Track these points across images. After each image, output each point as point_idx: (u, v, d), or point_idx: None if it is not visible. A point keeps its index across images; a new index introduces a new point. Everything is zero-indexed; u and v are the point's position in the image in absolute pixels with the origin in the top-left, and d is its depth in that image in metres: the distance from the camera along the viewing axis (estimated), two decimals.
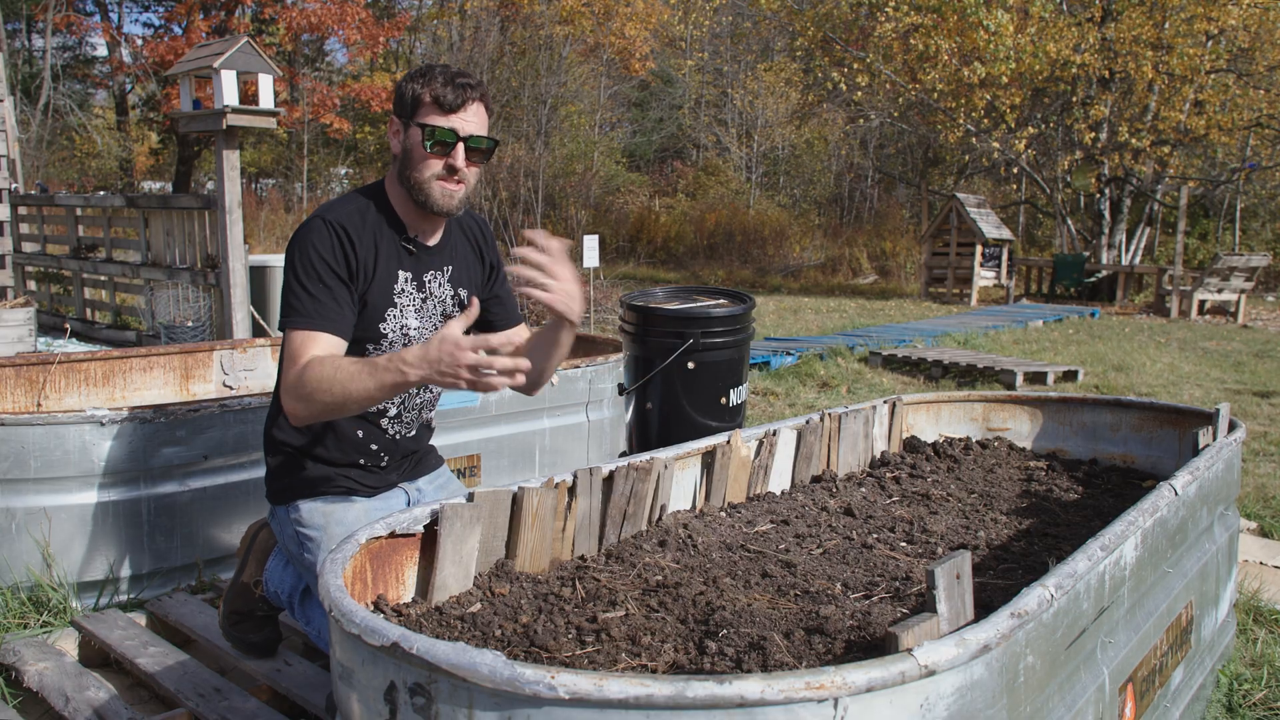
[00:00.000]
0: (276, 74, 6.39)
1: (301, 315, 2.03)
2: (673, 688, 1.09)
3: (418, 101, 2.12)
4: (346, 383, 1.90)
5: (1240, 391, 7.42)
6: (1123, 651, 1.74)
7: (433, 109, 2.11)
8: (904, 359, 8.08)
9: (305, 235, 2.09)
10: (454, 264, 2.31)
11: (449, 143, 2.11)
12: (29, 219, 9.33)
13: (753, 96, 27.48)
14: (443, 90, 2.10)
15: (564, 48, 21.53)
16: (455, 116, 2.11)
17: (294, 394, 1.96)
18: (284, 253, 2.18)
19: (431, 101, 2.11)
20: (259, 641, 2.45)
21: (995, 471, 2.72)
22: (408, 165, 2.14)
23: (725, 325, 3.10)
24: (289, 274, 2.08)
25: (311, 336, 2.02)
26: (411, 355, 1.85)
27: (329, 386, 1.92)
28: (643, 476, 2.03)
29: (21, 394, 3.56)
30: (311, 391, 1.93)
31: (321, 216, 2.11)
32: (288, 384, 1.98)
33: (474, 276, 2.37)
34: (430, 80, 2.12)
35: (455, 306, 2.31)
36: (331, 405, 1.94)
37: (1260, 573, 3.39)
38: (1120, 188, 17.11)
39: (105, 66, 23.02)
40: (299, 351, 2.00)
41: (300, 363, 1.98)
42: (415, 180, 2.13)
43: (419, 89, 2.12)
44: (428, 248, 2.24)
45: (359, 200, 2.18)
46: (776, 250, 22.62)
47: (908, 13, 15.62)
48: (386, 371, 1.88)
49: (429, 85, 2.11)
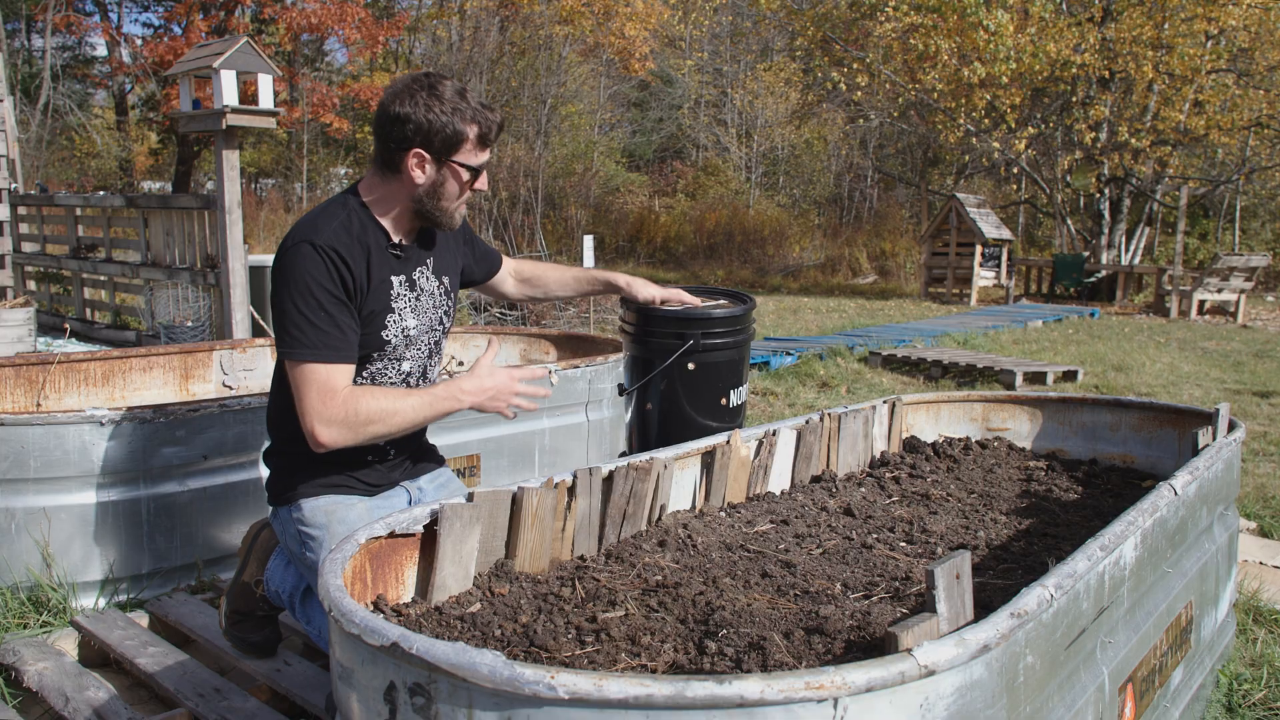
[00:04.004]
0: (276, 74, 6.38)
1: (313, 347, 2.01)
2: (672, 688, 1.09)
3: (459, 139, 2.08)
4: (409, 413, 2.05)
5: (1240, 391, 7.42)
6: (1122, 651, 1.74)
7: (475, 148, 2.12)
8: (903, 359, 8.08)
9: (298, 264, 2.03)
10: (434, 254, 2.31)
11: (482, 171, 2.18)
12: (29, 219, 9.32)
13: (752, 96, 27.47)
14: (487, 130, 2.11)
15: (564, 48, 21.52)
16: (489, 150, 2.17)
17: (342, 423, 2.00)
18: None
19: (476, 140, 2.11)
20: (259, 641, 2.45)
21: (995, 472, 2.72)
22: (438, 198, 2.14)
23: (726, 326, 3.10)
24: (286, 302, 2.03)
25: (336, 370, 2.03)
26: (469, 385, 2.10)
27: (391, 418, 2.03)
28: (642, 476, 2.03)
29: (21, 394, 3.56)
30: (368, 421, 2.01)
31: (310, 241, 2.04)
32: (331, 415, 1.99)
33: (453, 258, 2.40)
34: (466, 116, 2.08)
35: (443, 296, 2.33)
36: (384, 434, 2.06)
37: (1260, 573, 3.39)
38: (1120, 188, 17.11)
39: (105, 66, 23.01)
40: (330, 384, 2.01)
41: (339, 395, 2.01)
42: (445, 209, 2.16)
43: (459, 126, 2.07)
44: (409, 246, 2.25)
45: (339, 215, 2.12)
46: (776, 250, 22.62)
47: (907, 13, 15.61)
48: (445, 400, 2.09)
49: (468, 122, 2.08)
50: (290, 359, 2.03)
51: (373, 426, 2.02)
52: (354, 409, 2.00)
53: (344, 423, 2.00)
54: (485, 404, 2.12)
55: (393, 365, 2.24)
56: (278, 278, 2.07)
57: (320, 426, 2.00)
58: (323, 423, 2.00)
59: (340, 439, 2.01)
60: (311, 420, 2.00)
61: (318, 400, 2.00)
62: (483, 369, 2.11)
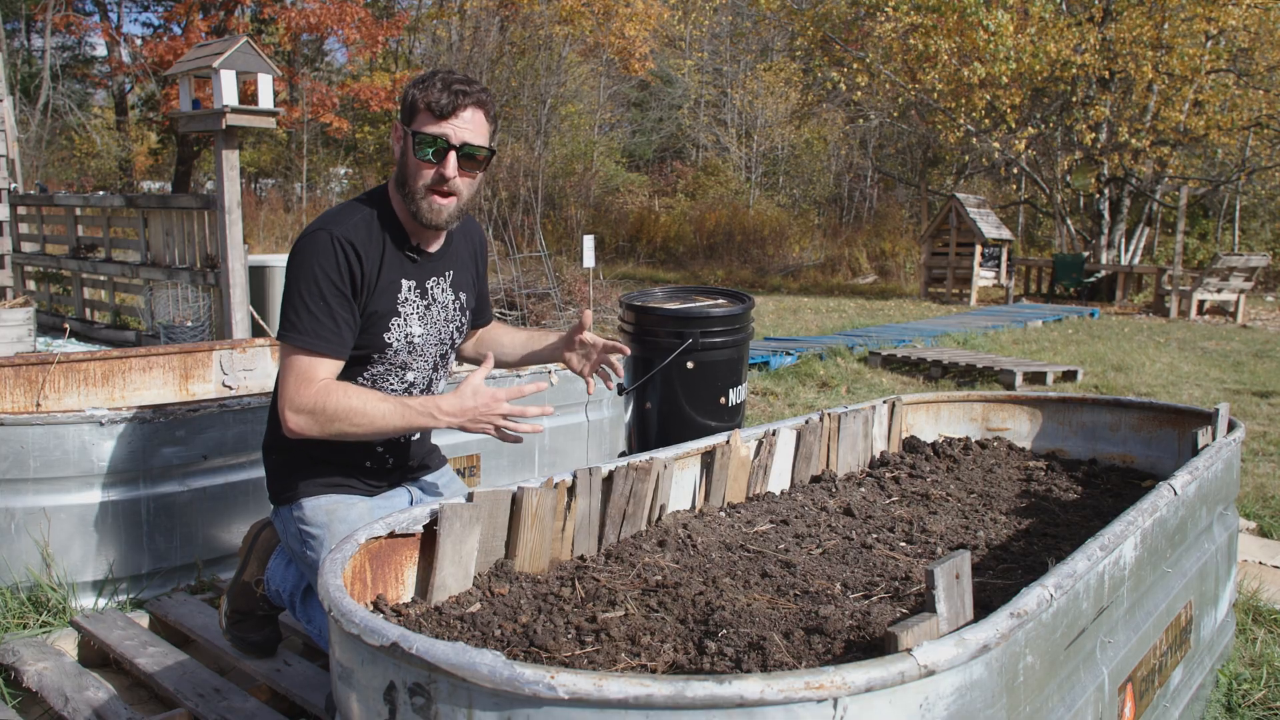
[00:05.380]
0: (276, 74, 6.39)
1: (304, 334, 2.02)
2: (672, 688, 1.09)
3: (414, 107, 2.06)
4: (377, 419, 1.99)
5: (1239, 391, 7.42)
6: (1122, 651, 1.74)
7: (427, 116, 2.05)
8: (903, 359, 8.08)
9: (311, 249, 2.05)
10: (454, 268, 2.30)
11: (441, 150, 2.05)
12: (28, 219, 9.32)
13: (752, 96, 27.48)
14: (437, 95, 2.03)
15: (564, 48, 21.52)
16: (448, 123, 2.05)
17: (310, 413, 1.99)
18: (286, 254, 2.18)
19: (425, 108, 2.05)
20: (259, 641, 2.45)
21: (995, 471, 2.72)
22: (402, 174, 2.11)
23: (725, 325, 3.10)
24: (292, 285, 2.05)
25: (319, 361, 2.03)
26: (447, 404, 2.00)
27: (357, 418, 1.98)
28: (642, 476, 2.03)
29: (21, 394, 3.56)
30: (334, 417, 1.98)
31: (328, 230, 2.06)
32: (301, 402, 1.99)
33: (471, 280, 2.38)
34: (428, 86, 2.05)
35: (457, 310, 2.31)
36: (350, 433, 2.01)
37: (1259, 572, 3.39)
38: (1120, 188, 17.11)
39: (104, 66, 22.99)
40: (309, 373, 2.01)
41: (315, 385, 2.00)
42: (409, 189, 2.10)
43: (417, 94, 2.06)
44: (430, 254, 2.23)
45: (363, 210, 2.14)
46: (776, 250, 22.62)
47: (907, 13, 15.62)
48: (419, 415, 2.01)
49: (426, 90, 2.05)
50: (282, 340, 2.05)
51: (338, 424, 1.99)
52: (323, 402, 1.98)
53: (311, 413, 1.99)
54: (467, 425, 2.03)
55: (395, 373, 2.22)
56: (291, 260, 2.09)
57: (289, 412, 2.01)
58: (292, 409, 2.00)
59: (306, 428, 2.00)
60: (283, 403, 2.02)
61: (294, 385, 2.01)
62: (466, 389, 2.01)
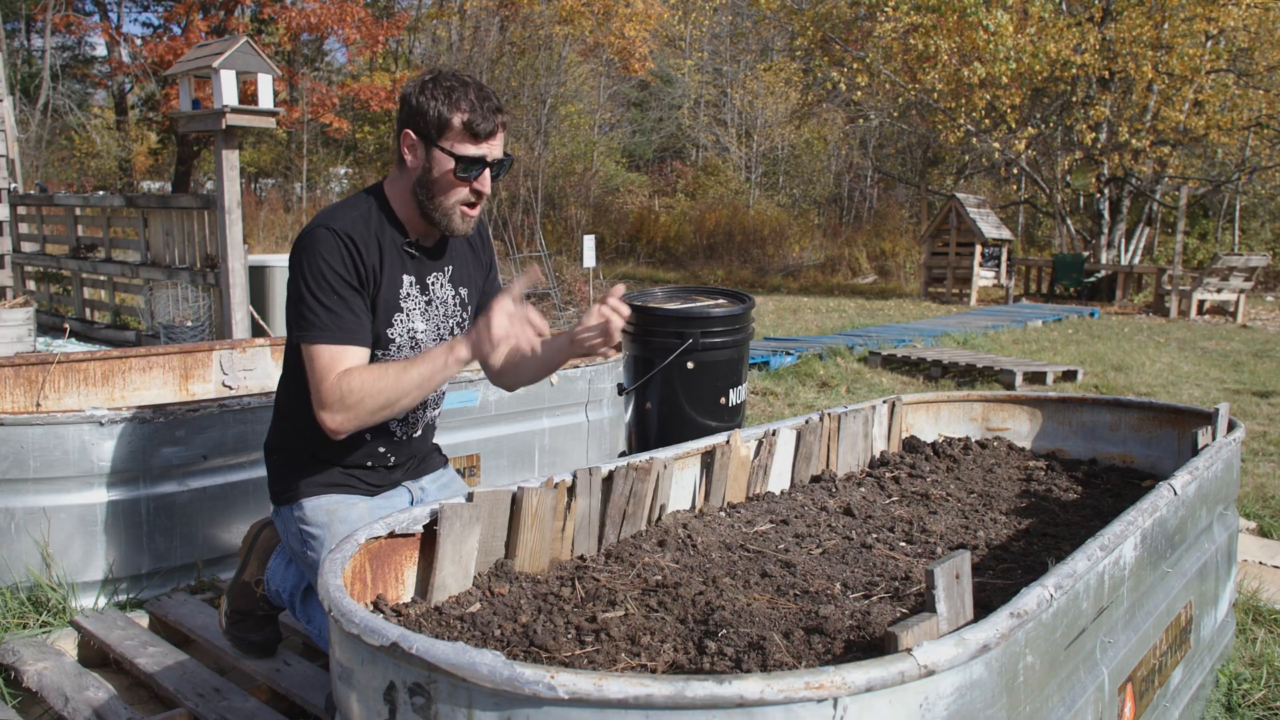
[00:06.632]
0: (276, 74, 6.38)
1: (321, 329, 2.01)
2: (672, 688, 1.09)
3: (445, 125, 2.03)
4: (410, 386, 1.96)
5: (1239, 391, 7.42)
6: (1122, 651, 1.74)
7: (463, 136, 2.04)
8: (903, 359, 8.08)
9: (312, 246, 2.04)
10: (454, 264, 2.30)
11: (478, 170, 2.07)
12: (28, 219, 9.32)
13: (752, 96, 27.48)
14: (475, 118, 2.02)
15: (564, 48, 21.52)
16: (486, 144, 2.06)
17: (338, 405, 1.97)
18: (286, 254, 2.17)
19: (462, 128, 2.03)
20: (259, 641, 2.45)
21: (995, 471, 2.72)
22: (429, 188, 2.09)
23: (725, 325, 3.10)
24: (299, 286, 2.04)
25: (341, 351, 2.01)
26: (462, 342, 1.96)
27: (379, 388, 1.95)
28: (642, 476, 2.03)
29: (21, 394, 3.56)
30: (361, 399, 1.96)
31: (326, 225, 2.06)
32: (326, 399, 1.98)
33: (472, 275, 2.37)
34: (458, 103, 2.02)
35: (458, 306, 2.31)
36: (382, 406, 1.98)
37: (1259, 572, 3.39)
38: (1120, 188, 17.11)
39: (104, 66, 22.99)
40: (329, 366, 2.00)
41: (332, 377, 1.98)
42: (439, 205, 2.10)
43: (446, 111, 2.03)
44: (428, 249, 2.23)
45: (360, 205, 2.14)
46: (776, 250, 22.63)
47: (907, 13, 15.62)
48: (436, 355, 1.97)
49: (457, 109, 2.02)
50: (304, 341, 2.02)
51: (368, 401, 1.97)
52: (344, 389, 1.97)
53: (335, 404, 1.98)
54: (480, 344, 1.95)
55: None
56: (293, 260, 2.07)
57: (322, 410, 1.99)
58: (322, 406, 1.99)
59: (340, 422, 1.99)
60: (319, 406, 2.00)
61: (316, 383, 2.00)
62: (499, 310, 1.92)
